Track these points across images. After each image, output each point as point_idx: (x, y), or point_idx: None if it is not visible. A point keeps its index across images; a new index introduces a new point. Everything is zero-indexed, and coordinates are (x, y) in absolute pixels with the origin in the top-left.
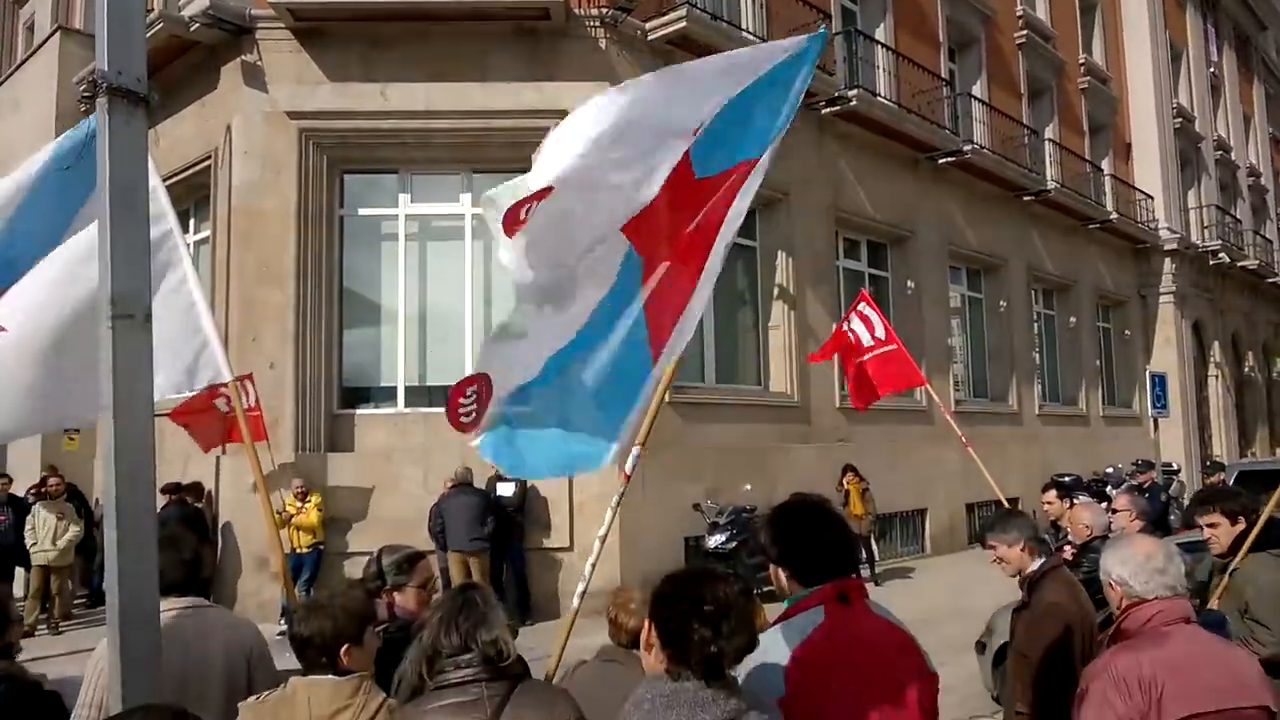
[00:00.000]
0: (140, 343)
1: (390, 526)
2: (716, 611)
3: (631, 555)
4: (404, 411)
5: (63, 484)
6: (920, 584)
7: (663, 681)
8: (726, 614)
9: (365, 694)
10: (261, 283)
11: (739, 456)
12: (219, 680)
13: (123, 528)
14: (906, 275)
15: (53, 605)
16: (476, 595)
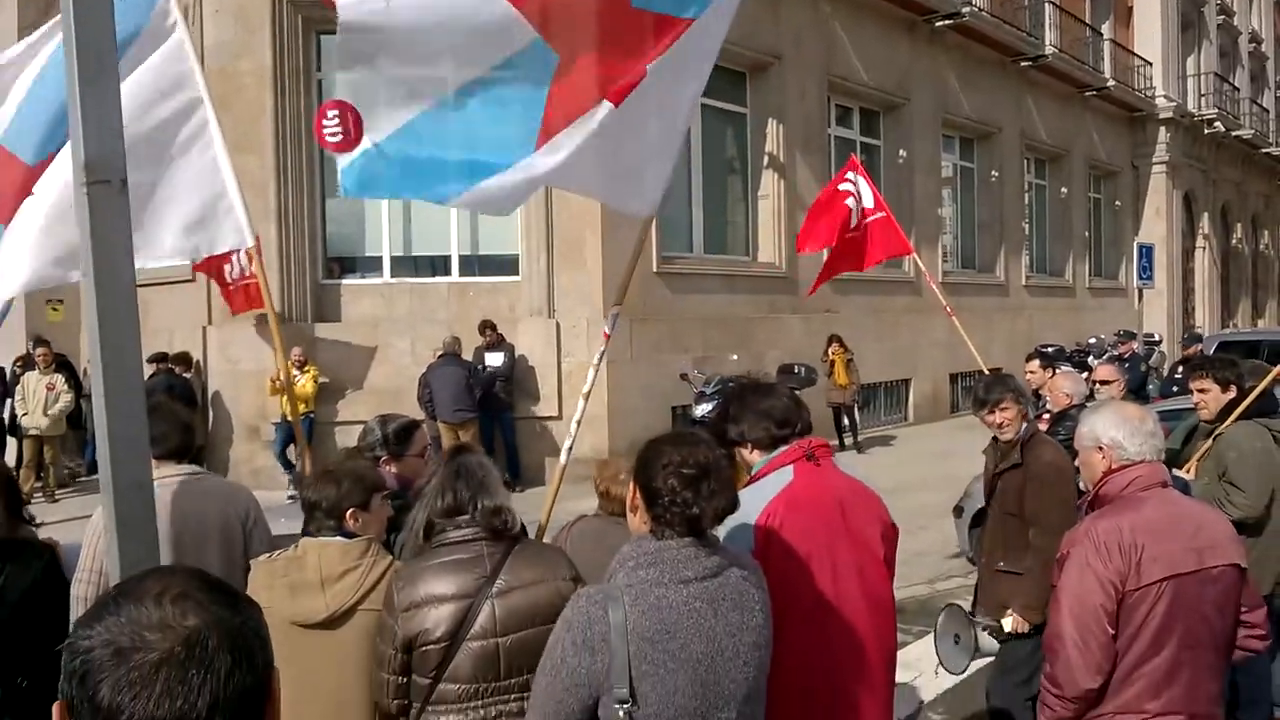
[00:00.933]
0: (117, 209)
1: (379, 396)
2: (697, 474)
3: (619, 424)
4: (390, 281)
5: (50, 354)
6: (902, 452)
7: (647, 541)
8: (706, 476)
9: (373, 556)
10: (239, 150)
11: (726, 327)
12: (215, 544)
13: (110, 395)
14: (899, 144)
15: (47, 475)
16: (473, 461)
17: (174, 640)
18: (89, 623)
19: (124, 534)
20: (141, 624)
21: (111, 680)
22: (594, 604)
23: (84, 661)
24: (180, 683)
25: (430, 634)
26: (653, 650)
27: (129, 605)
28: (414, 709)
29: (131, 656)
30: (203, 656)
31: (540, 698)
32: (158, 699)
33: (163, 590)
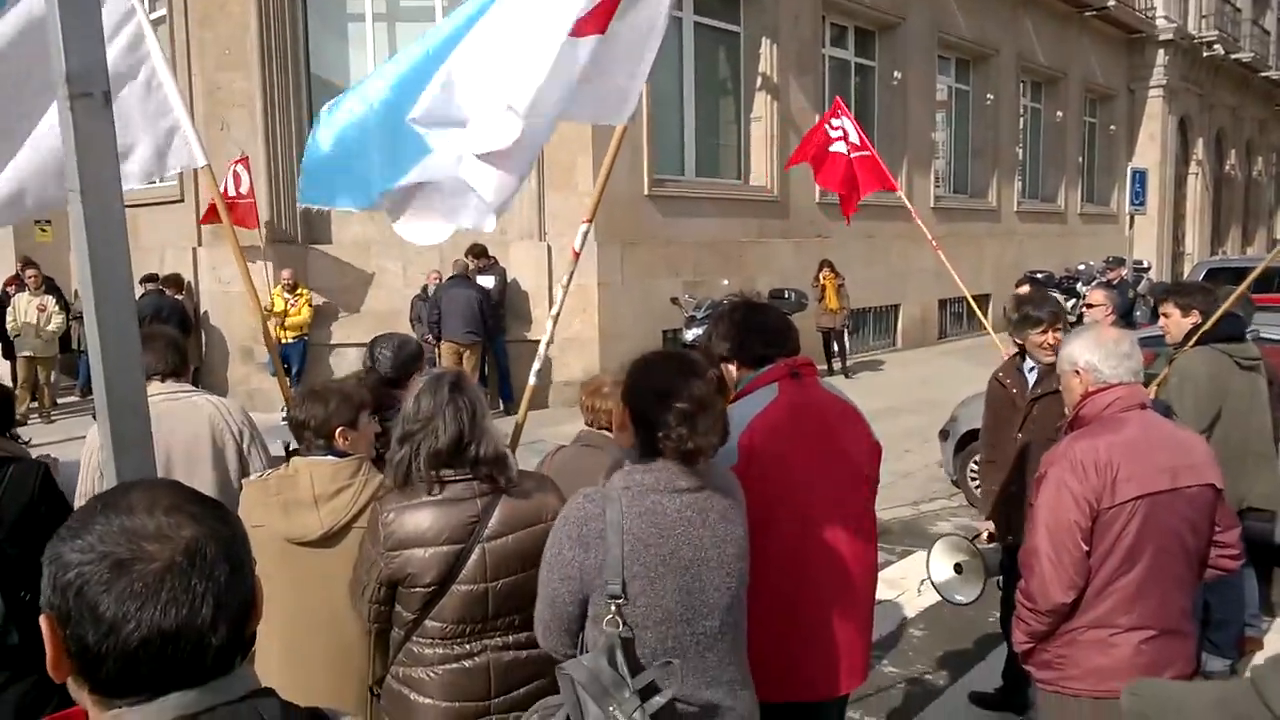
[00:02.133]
0: (102, 122)
1: (372, 319)
2: (693, 409)
3: (610, 348)
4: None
5: (40, 276)
6: (890, 376)
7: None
8: (703, 410)
9: (364, 475)
10: (224, 67)
11: (718, 251)
12: (208, 462)
13: (101, 314)
14: (893, 65)
15: (42, 395)
16: (477, 398)
17: (174, 550)
18: (77, 534)
19: (120, 453)
20: (138, 534)
21: (115, 591)
22: (591, 502)
23: (79, 574)
24: (185, 591)
25: (418, 578)
26: (645, 552)
27: (119, 517)
28: (398, 635)
29: (133, 567)
30: (203, 566)
31: (541, 584)
32: (164, 607)
33: (152, 502)
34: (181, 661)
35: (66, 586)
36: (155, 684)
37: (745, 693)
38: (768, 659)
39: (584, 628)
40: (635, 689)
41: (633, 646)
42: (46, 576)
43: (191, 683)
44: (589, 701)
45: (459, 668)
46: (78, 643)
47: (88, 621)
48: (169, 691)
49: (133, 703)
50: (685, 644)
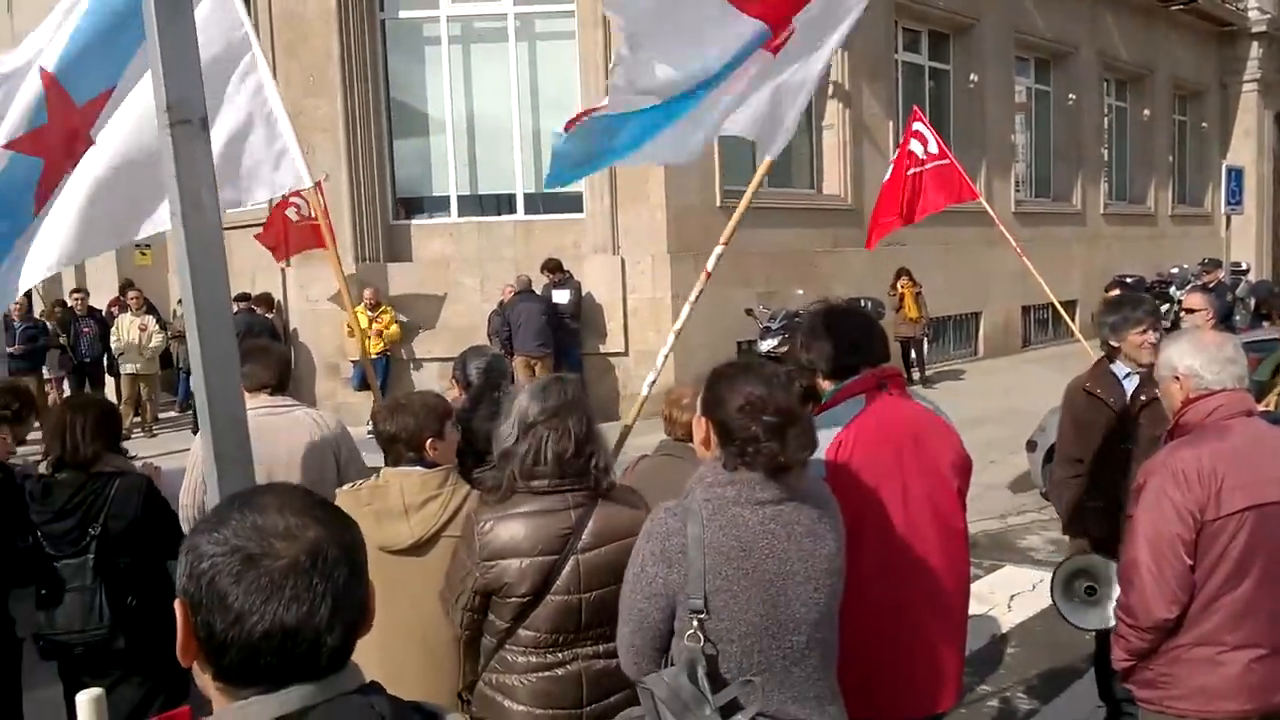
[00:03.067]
0: (200, 147)
1: (452, 333)
2: (782, 421)
3: (685, 360)
4: (458, 221)
5: (141, 297)
6: (972, 386)
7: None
8: (793, 423)
9: (452, 485)
10: (309, 94)
11: (791, 261)
12: (306, 472)
13: (203, 333)
14: (969, 68)
15: (144, 411)
16: (591, 411)
17: (299, 549)
18: (213, 528)
19: (222, 467)
20: (268, 532)
21: (244, 584)
22: (673, 516)
23: (213, 564)
24: (306, 589)
25: (513, 589)
26: (727, 565)
27: (252, 514)
28: (490, 643)
29: (261, 562)
30: (324, 566)
31: (625, 604)
32: (287, 603)
33: (283, 504)
34: (299, 656)
35: (201, 575)
36: (274, 676)
37: (833, 708)
38: (860, 677)
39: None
40: (716, 706)
41: (716, 662)
42: (183, 565)
43: (309, 677)
44: (669, 716)
45: (551, 676)
46: (206, 629)
47: (217, 610)
48: (289, 684)
49: (257, 692)
50: (771, 659)
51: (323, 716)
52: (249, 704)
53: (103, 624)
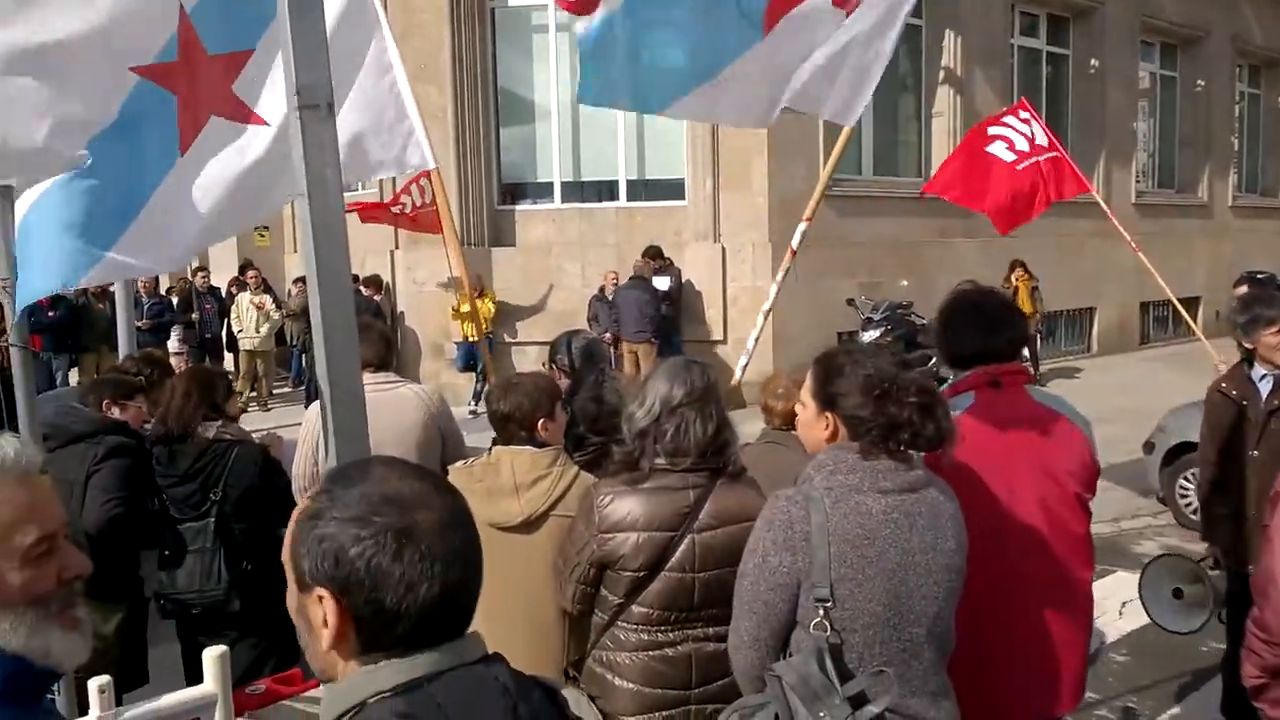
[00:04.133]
0: (325, 131)
1: (552, 318)
2: (930, 400)
3: (783, 350)
4: (561, 207)
5: (260, 277)
6: (1085, 384)
7: (848, 452)
8: (937, 399)
9: (562, 465)
10: (419, 80)
11: (896, 251)
12: (414, 446)
13: (325, 311)
14: (1090, 53)
15: (260, 386)
16: (720, 395)
17: (440, 514)
18: (342, 509)
19: (340, 437)
20: (403, 503)
21: (405, 557)
22: (795, 504)
23: (364, 548)
24: (460, 548)
25: (628, 562)
26: (852, 553)
27: (376, 488)
28: (601, 620)
29: (413, 533)
30: (462, 527)
31: (746, 598)
32: (448, 564)
33: (400, 474)
34: (460, 612)
35: (353, 560)
36: (430, 638)
37: (947, 703)
38: (973, 680)
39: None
40: (845, 696)
41: (840, 652)
42: (317, 555)
43: (446, 638)
44: (798, 704)
45: (661, 655)
46: (373, 607)
47: (384, 588)
48: (424, 649)
49: (391, 656)
50: (891, 651)
51: (445, 686)
52: (378, 669)
53: (220, 585)
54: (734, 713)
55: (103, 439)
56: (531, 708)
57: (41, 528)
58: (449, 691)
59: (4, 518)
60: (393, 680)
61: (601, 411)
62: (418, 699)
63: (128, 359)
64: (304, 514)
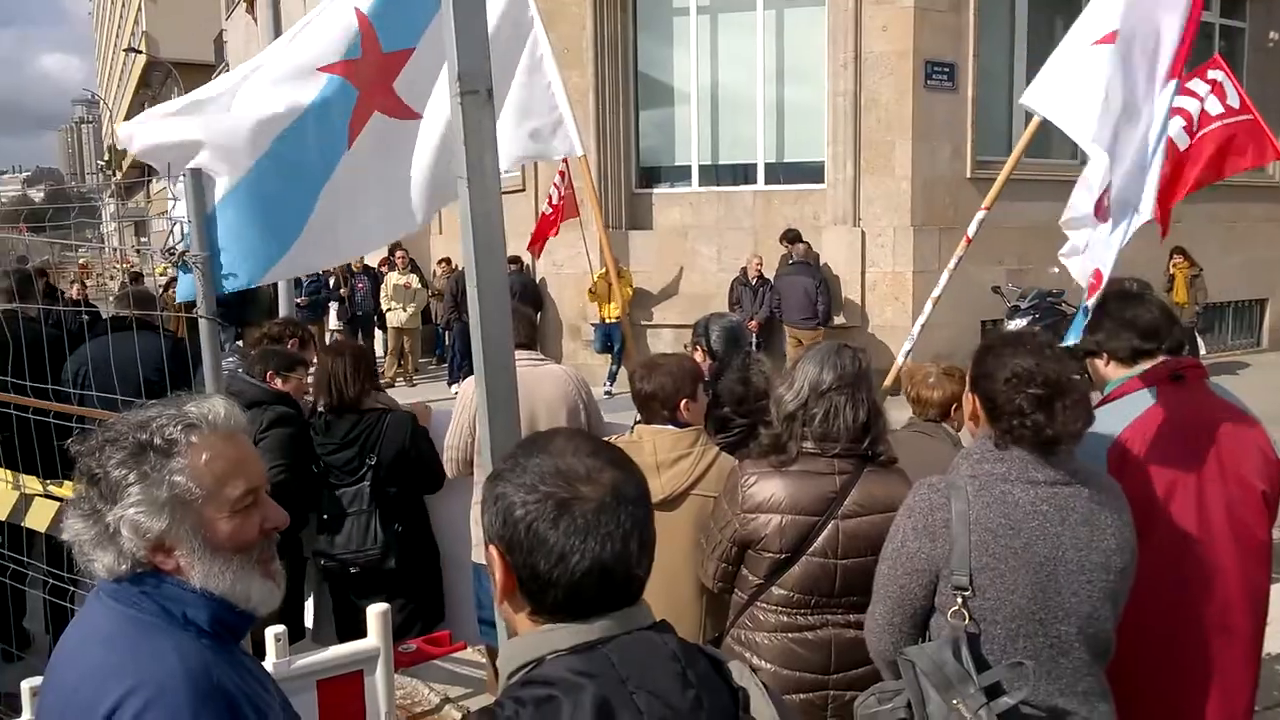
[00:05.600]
0: (485, 116)
1: (687, 301)
2: (1049, 394)
3: (925, 338)
4: (698, 190)
5: (408, 257)
6: (1254, 381)
7: (992, 440)
8: (1061, 394)
9: (703, 445)
10: (563, 65)
11: (1046, 236)
12: (561, 421)
13: (482, 288)
14: (1269, 26)
15: (406, 362)
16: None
17: (603, 490)
18: (517, 476)
19: (493, 409)
20: (571, 476)
21: (561, 527)
22: (936, 492)
23: (527, 511)
24: (616, 527)
25: (769, 543)
26: (994, 543)
27: (552, 459)
28: (740, 599)
29: (573, 505)
30: (626, 505)
31: (883, 582)
32: (601, 541)
33: (575, 448)
34: (615, 589)
35: (517, 522)
36: (589, 608)
37: (1104, 705)
38: (1140, 686)
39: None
40: (980, 685)
41: (978, 642)
42: (493, 512)
43: (615, 607)
44: (931, 690)
45: (800, 638)
46: (529, 570)
47: (539, 553)
48: (599, 614)
49: (568, 619)
50: (1037, 646)
51: (619, 648)
52: (555, 629)
53: (376, 545)
54: (871, 695)
55: (268, 408)
56: (699, 673)
57: (248, 481)
58: (623, 653)
59: (216, 471)
60: (569, 641)
61: (748, 394)
62: (593, 658)
63: (274, 323)
64: (492, 475)
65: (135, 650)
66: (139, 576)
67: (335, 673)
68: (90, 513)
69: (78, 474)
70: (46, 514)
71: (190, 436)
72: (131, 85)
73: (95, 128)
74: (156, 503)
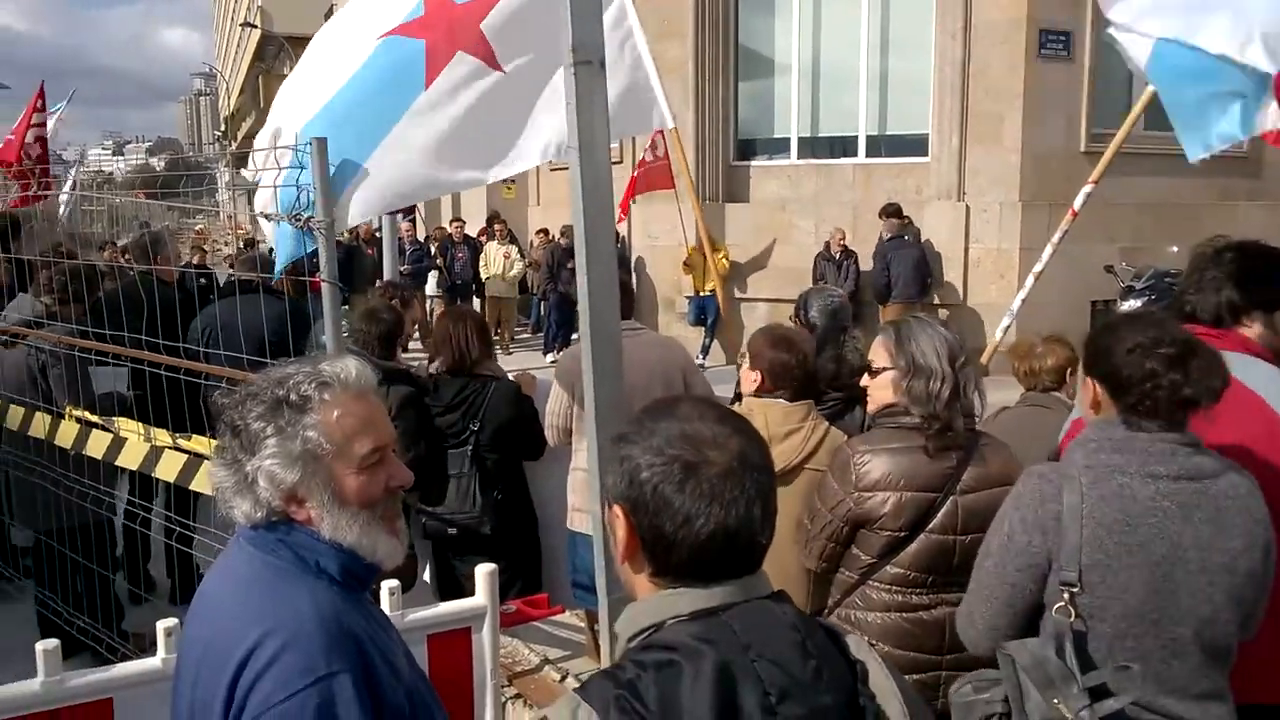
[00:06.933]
0: (597, 87)
1: (783, 275)
2: (1181, 351)
3: (1030, 317)
4: (796, 163)
5: (506, 228)
6: None
7: (1115, 426)
8: (1193, 353)
9: (813, 420)
10: (663, 37)
11: (1165, 214)
12: (659, 389)
13: (590, 257)
14: None
15: (504, 330)
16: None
17: (729, 456)
18: (645, 438)
19: (599, 376)
20: (698, 440)
21: (687, 489)
22: (1047, 482)
23: (653, 473)
24: (741, 492)
25: (887, 522)
26: (1108, 538)
27: (679, 424)
28: (849, 578)
29: (699, 469)
30: (751, 471)
31: (985, 580)
32: (727, 506)
33: (701, 413)
34: (738, 554)
35: (643, 483)
36: (712, 573)
37: (1220, 708)
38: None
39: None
40: (1084, 686)
41: (1084, 640)
42: (619, 473)
43: (736, 575)
44: (1030, 687)
45: (915, 618)
46: (653, 532)
47: (664, 514)
48: (720, 581)
49: (690, 584)
50: (1147, 648)
51: (740, 615)
52: (678, 593)
53: (475, 508)
54: (968, 683)
55: (391, 387)
56: (818, 644)
57: (376, 439)
58: (744, 621)
59: (346, 428)
60: (691, 606)
61: (841, 371)
62: (714, 625)
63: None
64: (617, 436)
65: (273, 594)
66: (274, 525)
67: (445, 628)
68: (232, 462)
69: (222, 425)
70: (175, 465)
71: (323, 394)
72: (247, 59)
73: (212, 99)
74: (290, 455)
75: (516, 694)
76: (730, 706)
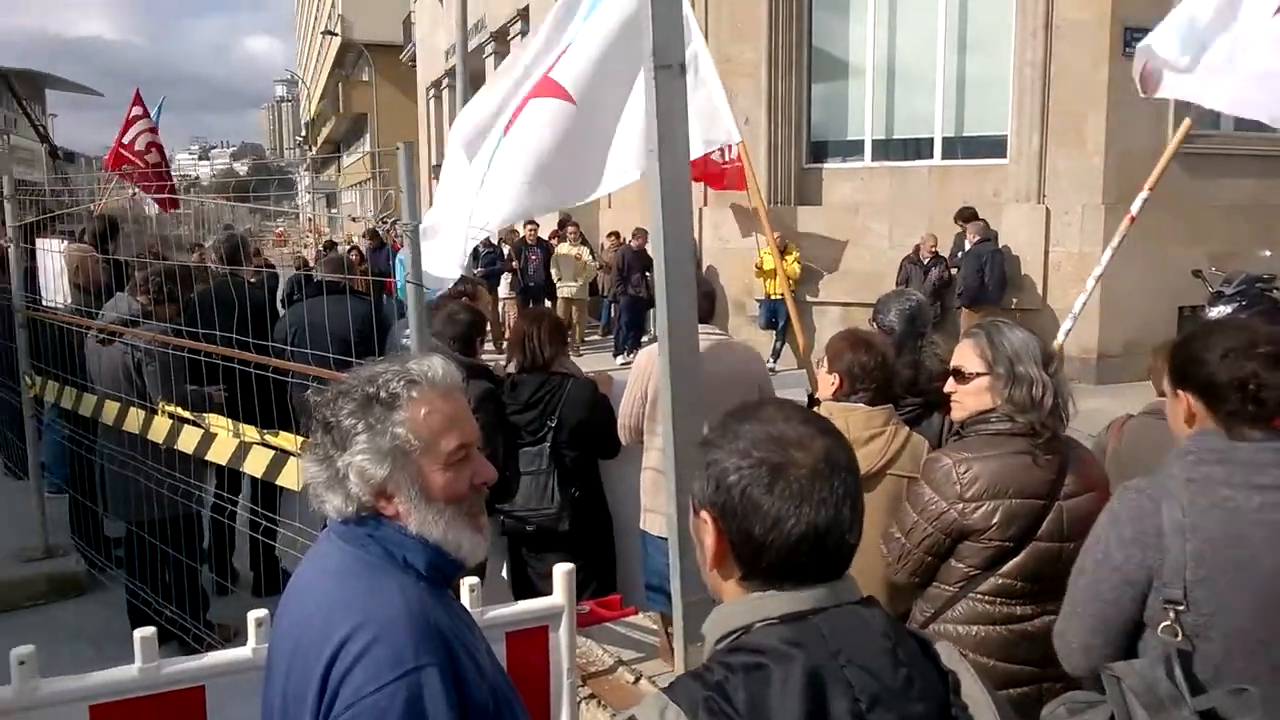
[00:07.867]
0: (677, 90)
1: (852, 279)
2: (1278, 352)
3: (1113, 321)
4: (870, 165)
5: (578, 230)
6: None
7: (1214, 436)
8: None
9: (894, 424)
10: (735, 39)
11: (1258, 217)
12: (738, 394)
13: (669, 258)
14: None
15: (574, 331)
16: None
17: (816, 457)
18: (730, 442)
19: (676, 377)
20: (784, 442)
21: (776, 491)
22: (1145, 497)
23: (741, 476)
24: (829, 493)
25: (996, 532)
26: (1214, 554)
27: (764, 426)
28: (945, 591)
29: (787, 471)
30: (839, 471)
31: (1079, 597)
32: (816, 506)
33: (785, 415)
34: (828, 556)
35: (730, 487)
36: (802, 575)
37: None
38: None
39: None
40: (1195, 709)
41: (1190, 660)
42: (704, 478)
43: (826, 578)
44: (1139, 710)
45: (1020, 629)
46: (743, 535)
47: (753, 517)
48: (810, 584)
49: (780, 587)
50: (1259, 668)
51: (828, 620)
52: (766, 597)
53: (552, 505)
54: (1061, 705)
55: (469, 382)
56: (909, 652)
57: (461, 436)
58: (833, 625)
59: (433, 425)
60: (780, 610)
61: (918, 377)
62: (804, 629)
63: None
64: (701, 441)
65: (364, 588)
66: (364, 519)
67: (523, 625)
68: (324, 458)
69: (315, 422)
70: (261, 461)
71: (411, 392)
72: (327, 66)
73: (294, 106)
74: (380, 451)
75: (590, 694)
76: (820, 712)
